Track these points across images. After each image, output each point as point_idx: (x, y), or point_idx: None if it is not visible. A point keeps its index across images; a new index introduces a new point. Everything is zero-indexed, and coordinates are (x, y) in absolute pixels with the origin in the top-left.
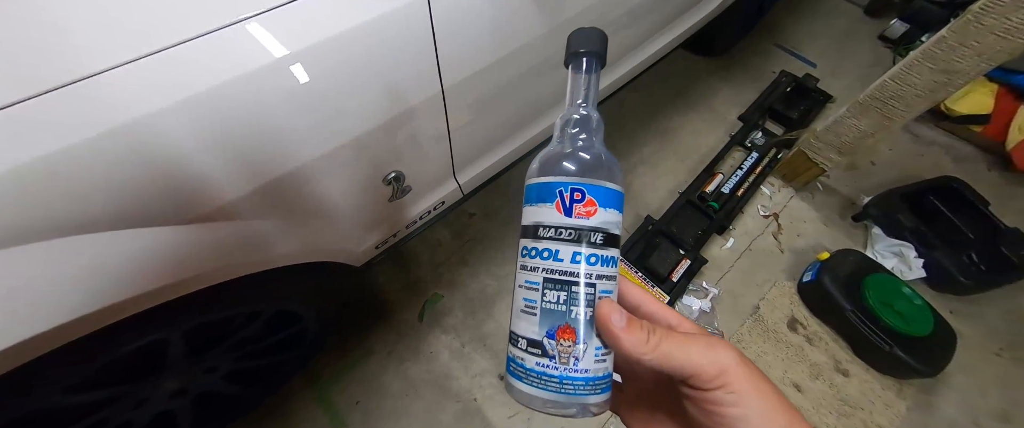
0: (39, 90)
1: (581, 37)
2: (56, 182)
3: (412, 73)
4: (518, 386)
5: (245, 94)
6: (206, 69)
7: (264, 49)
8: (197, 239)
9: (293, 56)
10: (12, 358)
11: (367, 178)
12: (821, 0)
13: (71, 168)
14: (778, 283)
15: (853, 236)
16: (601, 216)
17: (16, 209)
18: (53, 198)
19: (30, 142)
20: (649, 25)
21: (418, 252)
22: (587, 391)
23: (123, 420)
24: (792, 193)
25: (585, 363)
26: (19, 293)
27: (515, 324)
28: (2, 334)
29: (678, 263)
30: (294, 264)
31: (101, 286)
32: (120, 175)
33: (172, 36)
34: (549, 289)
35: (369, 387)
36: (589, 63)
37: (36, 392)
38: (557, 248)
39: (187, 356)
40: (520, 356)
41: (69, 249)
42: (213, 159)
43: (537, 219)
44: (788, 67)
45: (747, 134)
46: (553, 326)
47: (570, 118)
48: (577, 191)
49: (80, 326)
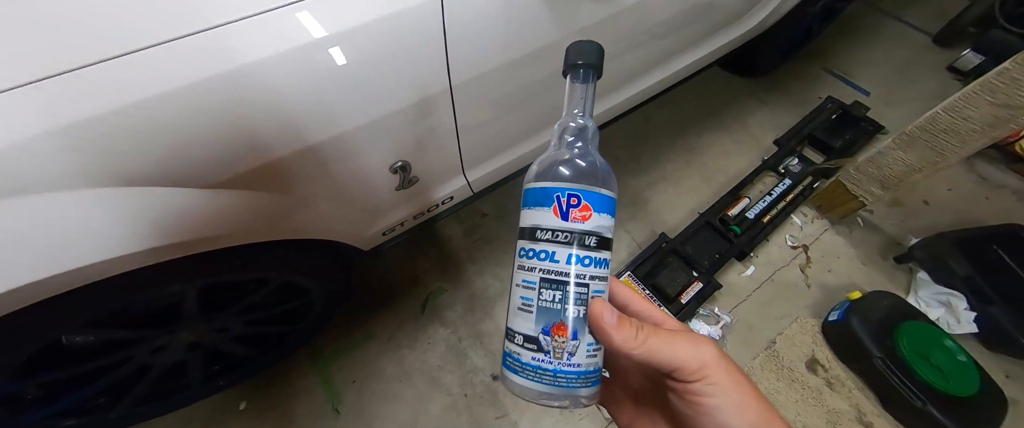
0: None
1: (579, 49)
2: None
3: (421, 69)
4: (514, 379)
5: (280, 71)
6: (236, 50)
7: (294, 32)
8: (223, 202)
9: (315, 43)
10: (50, 287)
11: (374, 164)
12: (882, 26)
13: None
14: (800, 319)
15: (894, 279)
16: (595, 220)
17: (107, 153)
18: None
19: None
20: (676, 40)
21: (427, 245)
22: (579, 384)
23: (143, 363)
24: (826, 226)
25: (578, 358)
26: (71, 230)
27: (512, 321)
28: (54, 263)
29: (689, 285)
30: (303, 239)
31: (137, 232)
32: (179, 133)
33: (225, 15)
34: (545, 288)
35: (366, 368)
36: (586, 74)
37: (66, 322)
38: (554, 250)
39: (201, 312)
40: (516, 351)
41: (122, 196)
42: (253, 125)
43: (535, 222)
44: (837, 93)
45: (782, 159)
46: (549, 323)
47: (567, 126)
48: (573, 196)
49: (113, 265)
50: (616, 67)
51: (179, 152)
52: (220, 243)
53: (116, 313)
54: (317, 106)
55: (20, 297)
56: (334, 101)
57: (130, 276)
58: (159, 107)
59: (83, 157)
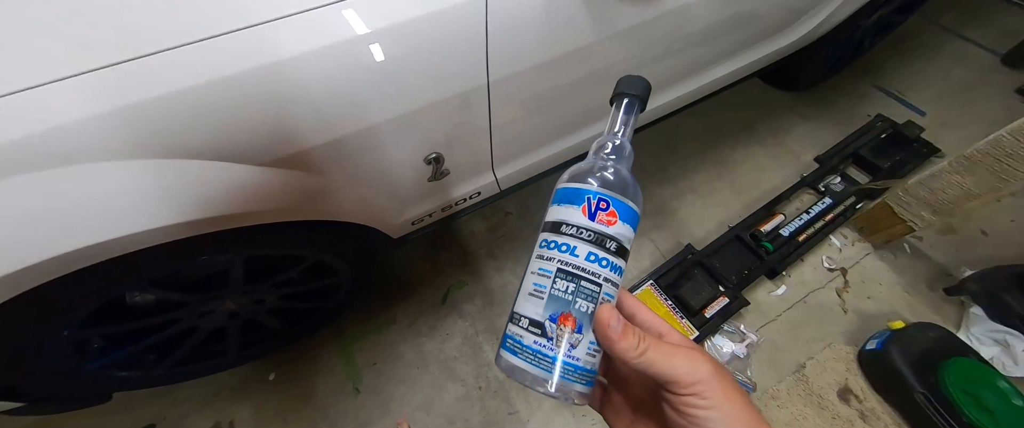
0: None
1: (630, 82)
2: (197, 111)
3: (462, 64)
4: (511, 359)
5: (330, 62)
6: (298, 39)
7: (341, 28)
8: (271, 180)
9: (363, 37)
10: (124, 245)
11: (410, 154)
12: (941, 43)
13: (209, 100)
14: (834, 345)
15: (942, 311)
16: (619, 228)
17: (172, 127)
18: (193, 122)
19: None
20: (714, 49)
21: (452, 238)
22: (574, 378)
23: (190, 325)
24: (868, 250)
25: (579, 352)
26: (142, 196)
27: (520, 305)
28: (130, 222)
29: (714, 299)
30: (338, 222)
31: (199, 201)
32: (238, 113)
33: (277, 10)
34: (560, 279)
35: (386, 352)
36: (630, 104)
37: (134, 278)
38: (576, 245)
39: (244, 282)
40: (519, 334)
41: (187, 168)
42: (297, 112)
43: (562, 217)
44: (887, 112)
45: (823, 177)
46: (557, 311)
47: (606, 143)
48: (603, 201)
49: (176, 230)
50: (648, 73)
51: (235, 132)
52: (265, 218)
53: (173, 276)
54: (362, 95)
55: (101, 251)
56: (378, 91)
57: (190, 241)
58: (219, 90)
59: (151, 131)
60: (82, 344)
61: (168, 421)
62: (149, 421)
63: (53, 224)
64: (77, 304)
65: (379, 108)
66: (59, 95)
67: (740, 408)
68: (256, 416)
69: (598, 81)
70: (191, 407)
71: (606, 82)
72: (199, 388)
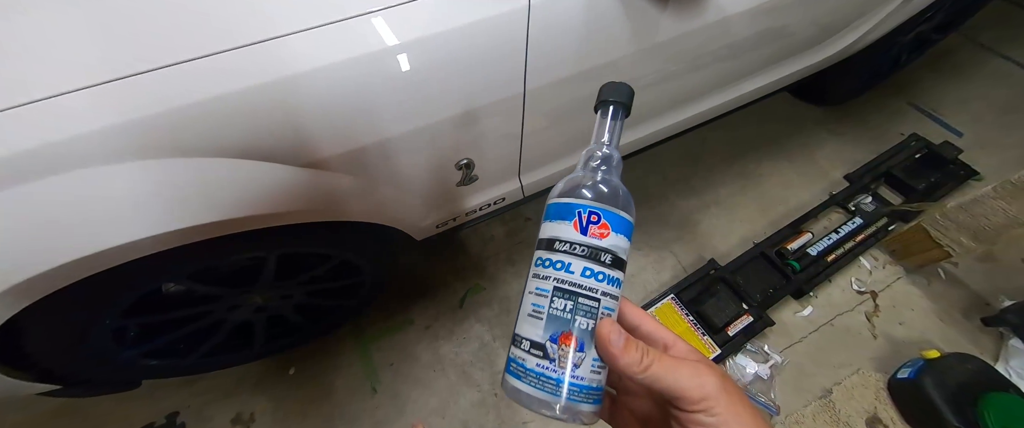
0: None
1: (612, 89)
2: (235, 115)
3: (501, 73)
4: (515, 384)
5: (369, 69)
6: (335, 48)
7: (380, 38)
8: (305, 181)
9: (402, 46)
10: (164, 242)
11: (443, 159)
12: (981, 62)
13: (240, 106)
14: (862, 371)
15: (978, 342)
16: (612, 239)
17: (207, 130)
18: (230, 125)
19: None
20: (748, 62)
21: (471, 242)
22: (580, 398)
23: (220, 317)
24: (900, 273)
25: (582, 371)
26: (182, 194)
27: (520, 327)
28: (173, 219)
29: (738, 317)
30: (366, 222)
31: (234, 201)
32: (267, 117)
33: (311, 20)
34: (557, 297)
35: (403, 353)
36: (615, 111)
37: (174, 271)
38: (570, 261)
39: (274, 278)
40: (522, 357)
41: (218, 168)
42: (332, 118)
43: (555, 234)
44: (922, 131)
45: (853, 196)
46: (557, 331)
47: (594, 153)
48: (594, 214)
49: (215, 228)
50: (679, 86)
51: (281, 135)
52: (303, 218)
53: (210, 270)
54: (404, 101)
55: (156, 243)
56: (419, 97)
57: (233, 238)
58: (268, 93)
59: (200, 132)
60: (121, 332)
61: (191, 410)
62: (173, 409)
63: (114, 215)
64: (124, 293)
65: (418, 113)
66: (116, 95)
67: (750, 422)
68: (276, 410)
69: (639, 88)
70: (213, 397)
71: (644, 90)
72: (221, 379)
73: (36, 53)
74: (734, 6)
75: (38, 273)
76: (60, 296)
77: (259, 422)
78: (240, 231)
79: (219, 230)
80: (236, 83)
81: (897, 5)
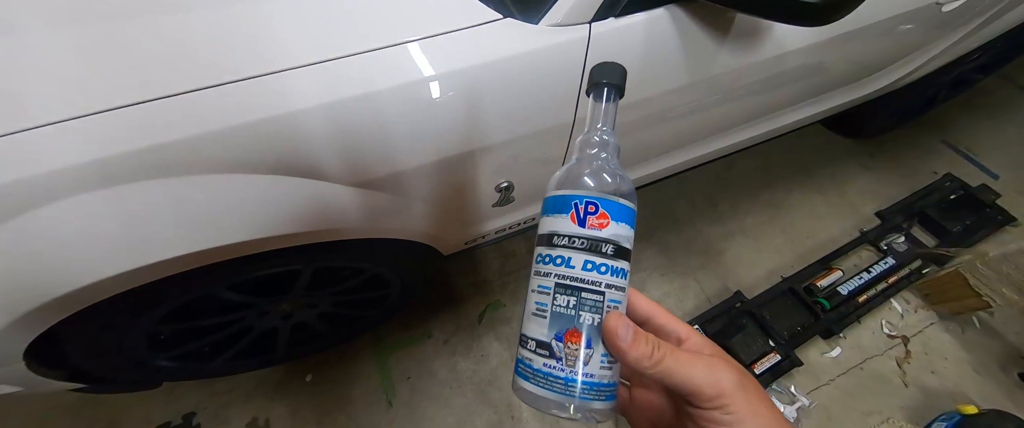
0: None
1: (604, 70)
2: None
3: (555, 100)
4: (524, 386)
5: (422, 94)
6: (377, 74)
7: (434, 64)
8: (351, 200)
9: (459, 72)
10: (210, 256)
11: (484, 181)
12: (1018, 104)
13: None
14: (893, 420)
15: (1015, 398)
16: (613, 229)
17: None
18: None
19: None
20: (791, 95)
21: (492, 257)
22: (591, 396)
23: (249, 324)
24: (933, 319)
25: (591, 368)
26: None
27: (526, 327)
28: (222, 235)
29: (765, 355)
30: (400, 239)
31: (282, 219)
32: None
33: (346, 48)
34: (560, 294)
35: (421, 367)
36: (610, 93)
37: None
38: (570, 255)
39: (306, 288)
40: (529, 357)
41: (268, 185)
42: (392, 138)
43: (553, 228)
44: (956, 171)
45: (885, 234)
46: (562, 329)
47: (590, 140)
48: (591, 204)
49: (258, 245)
50: (723, 114)
51: (337, 154)
52: (344, 235)
53: (247, 281)
54: (455, 126)
55: (199, 258)
56: (471, 122)
57: (271, 253)
58: (327, 114)
59: (261, 147)
60: (155, 337)
61: (207, 412)
62: (190, 409)
63: (179, 226)
64: (167, 301)
65: (468, 138)
66: (197, 106)
67: (769, 423)
68: (293, 416)
69: (675, 118)
70: (230, 399)
71: (683, 120)
72: (239, 382)
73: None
74: (791, 43)
75: (78, 287)
76: (103, 305)
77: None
78: (282, 247)
79: (262, 246)
80: (308, 101)
81: (949, 45)
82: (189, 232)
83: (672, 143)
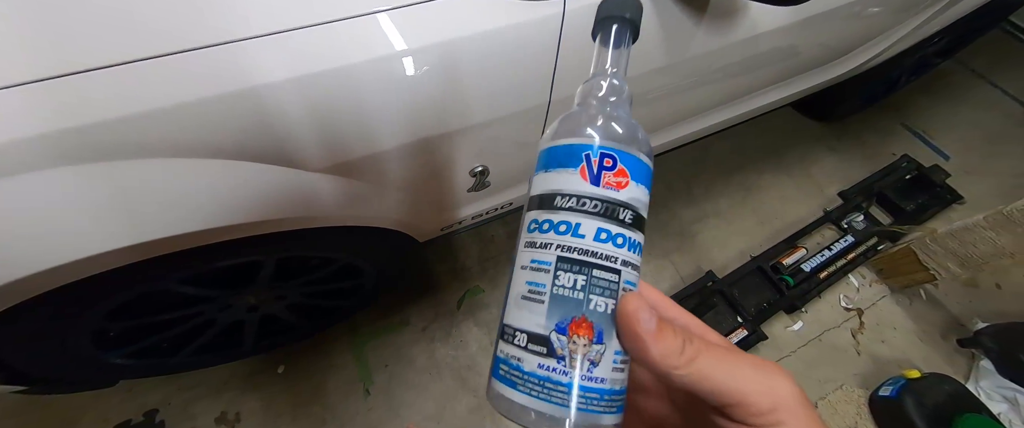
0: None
1: (614, 2)
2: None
3: (526, 82)
4: (508, 393)
5: (368, 77)
6: (338, 50)
7: (401, 40)
8: (323, 186)
9: (414, 50)
10: (152, 249)
11: (456, 167)
12: (972, 88)
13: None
14: (846, 387)
15: (954, 363)
16: (632, 190)
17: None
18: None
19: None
20: (760, 79)
21: (471, 243)
22: (601, 408)
23: (211, 318)
24: (885, 292)
25: (601, 370)
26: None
27: (511, 315)
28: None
29: (733, 330)
30: (372, 227)
31: (233, 208)
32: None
33: (313, 16)
34: (564, 271)
35: (399, 354)
36: (621, 34)
37: (165, 278)
38: (578, 221)
39: (271, 280)
40: (516, 355)
41: (243, 171)
42: (358, 120)
43: (555, 186)
44: (912, 152)
45: (846, 214)
46: (566, 318)
47: (598, 84)
48: (608, 157)
49: (212, 235)
50: (698, 97)
51: (294, 136)
52: (307, 224)
53: (202, 273)
54: (425, 108)
55: (131, 254)
56: (441, 104)
57: (224, 245)
58: (280, 91)
59: (192, 128)
60: (102, 334)
61: (172, 407)
62: (153, 406)
63: (73, 226)
64: (101, 302)
65: (440, 121)
66: (136, 80)
67: None
68: (265, 409)
69: (651, 100)
70: (198, 394)
71: (658, 102)
72: (206, 375)
73: None
74: (766, 23)
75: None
76: (29, 306)
77: (245, 422)
78: (237, 238)
79: (213, 237)
80: (239, 80)
81: (913, 28)
82: (125, 224)
83: (650, 125)
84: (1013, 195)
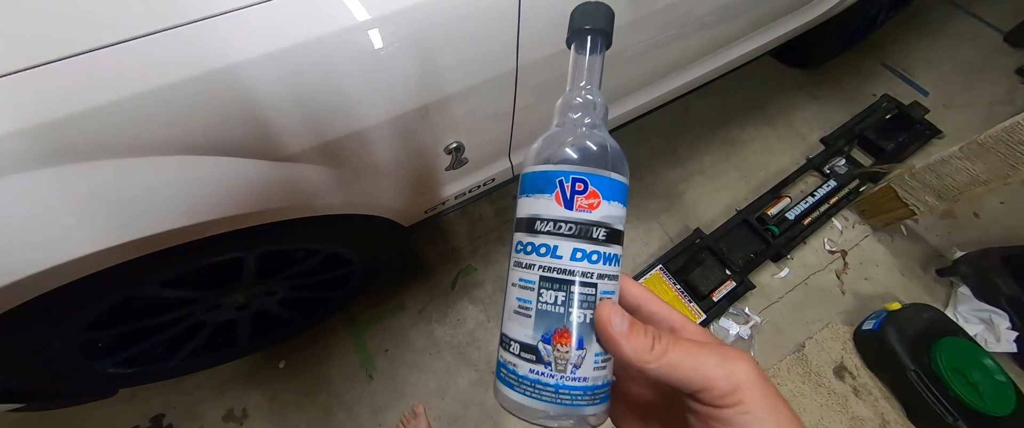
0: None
1: (586, 13)
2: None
3: (491, 49)
4: (509, 395)
5: (329, 52)
6: (298, 25)
7: (349, 11)
8: (276, 177)
9: (375, 20)
10: (130, 251)
11: (429, 145)
12: (950, 20)
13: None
14: (832, 325)
15: (933, 292)
16: (604, 209)
17: (138, 127)
18: (172, 120)
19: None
20: (738, 27)
21: (459, 223)
22: (585, 401)
23: (201, 319)
24: (867, 232)
25: (584, 371)
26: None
27: (507, 326)
28: (129, 230)
29: (722, 283)
30: (353, 214)
31: (201, 204)
32: (221, 109)
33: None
34: (546, 289)
35: (397, 338)
36: (594, 43)
37: (144, 282)
38: (556, 243)
39: (256, 276)
40: (512, 361)
41: (199, 166)
42: (298, 107)
43: (534, 211)
44: (893, 91)
45: (828, 159)
46: (549, 329)
47: (572, 102)
48: (579, 181)
49: (183, 234)
50: (671, 54)
51: (249, 125)
52: (283, 216)
53: (184, 275)
54: (387, 84)
55: (105, 258)
56: (403, 79)
57: (200, 243)
58: (228, 77)
59: (141, 124)
60: (89, 345)
61: (177, 410)
62: (158, 411)
63: (43, 231)
64: (89, 307)
65: (405, 98)
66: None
67: (790, 424)
68: (271, 402)
69: (628, 59)
70: (201, 395)
71: (634, 61)
72: (206, 377)
73: None
74: None
75: None
76: (6, 317)
77: (253, 417)
78: (208, 235)
79: (181, 237)
80: (180, 70)
81: None
82: (98, 226)
83: (629, 85)
84: (990, 124)
